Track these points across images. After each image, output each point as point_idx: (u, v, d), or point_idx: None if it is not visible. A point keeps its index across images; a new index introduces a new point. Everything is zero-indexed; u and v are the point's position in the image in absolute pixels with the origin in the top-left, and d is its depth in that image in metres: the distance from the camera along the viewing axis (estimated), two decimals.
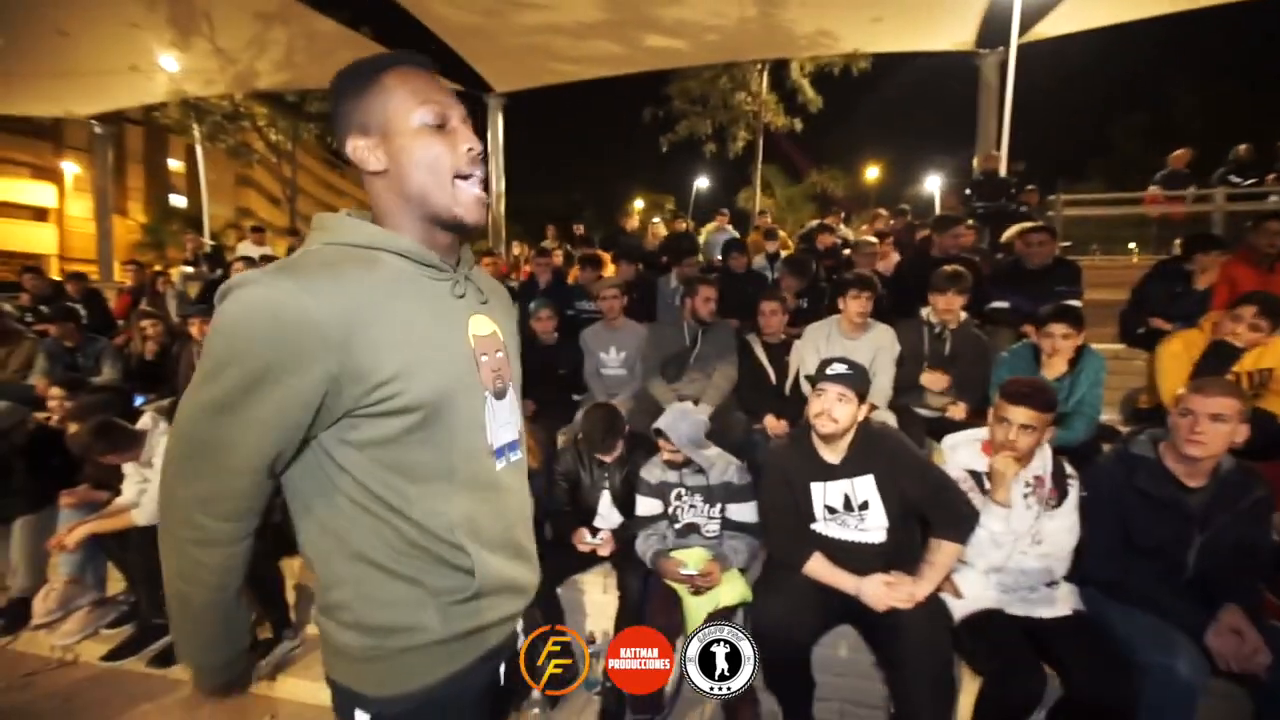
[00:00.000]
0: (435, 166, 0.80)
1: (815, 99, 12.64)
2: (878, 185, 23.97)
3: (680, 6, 8.86)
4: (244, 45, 10.28)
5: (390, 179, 0.81)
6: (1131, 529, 1.91)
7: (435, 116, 0.80)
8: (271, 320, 0.69)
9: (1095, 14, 8.95)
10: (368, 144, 0.80)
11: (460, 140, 0.82)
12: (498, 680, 0.93)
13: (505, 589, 0.88)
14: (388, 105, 0.79)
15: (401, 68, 0.81)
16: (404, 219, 0.82)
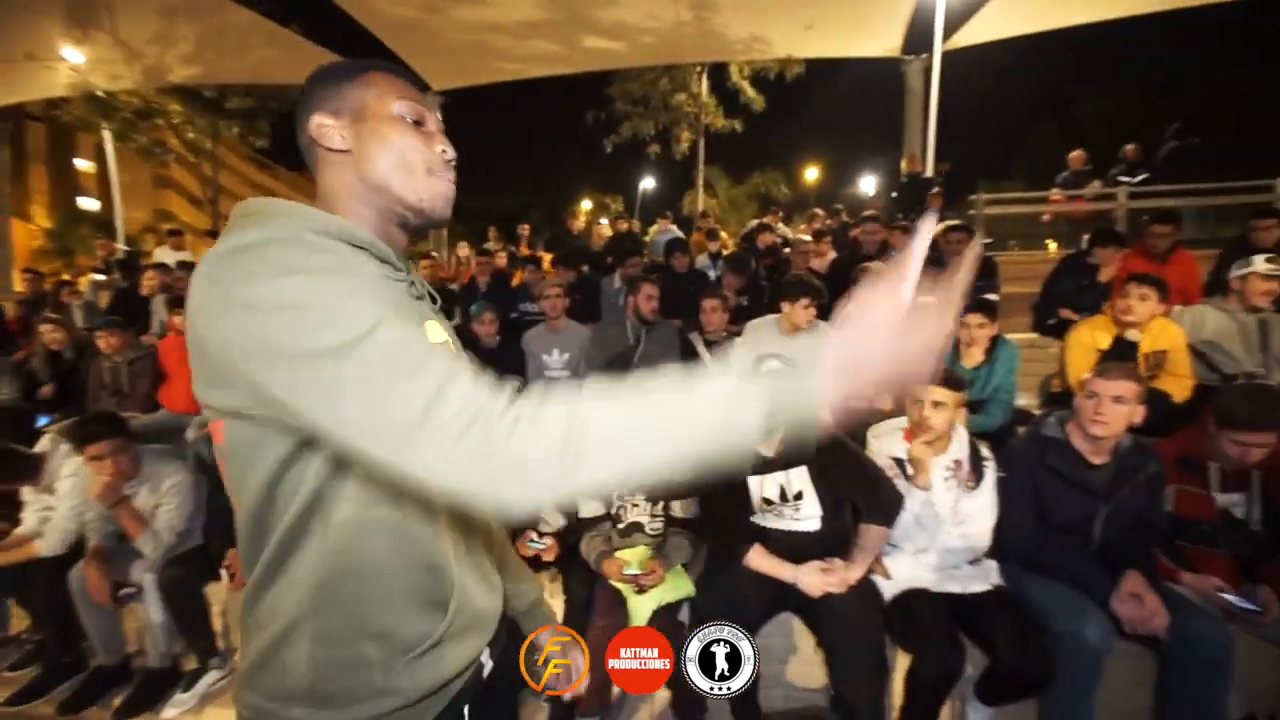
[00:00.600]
0: (406, 157, 0.73)
1: (757, 99, 12.92)
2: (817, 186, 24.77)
3: (616, 8, 8.90)
4: (151, 38, 9.62)
5: (351, 159, 0.73)
6: (1044, 505, 2.05)
7: (413, 113, 0.75)
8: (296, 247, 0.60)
9: (1009, 24, 9.52)
10: (335, 124, 0.73)
11: (436, 141, 0.76)
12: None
13: (473, 624, 0.79)
14: (366, 93, 0.74)
15: (389, 72, 0.77)
16: (358, 206, 0.74)
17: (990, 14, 8.96)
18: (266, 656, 0.68)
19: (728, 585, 2.05)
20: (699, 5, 8.86)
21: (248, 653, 0.71)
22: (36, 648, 2.68)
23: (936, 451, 2.05)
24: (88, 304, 6.04)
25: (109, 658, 2.49)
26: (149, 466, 2.48)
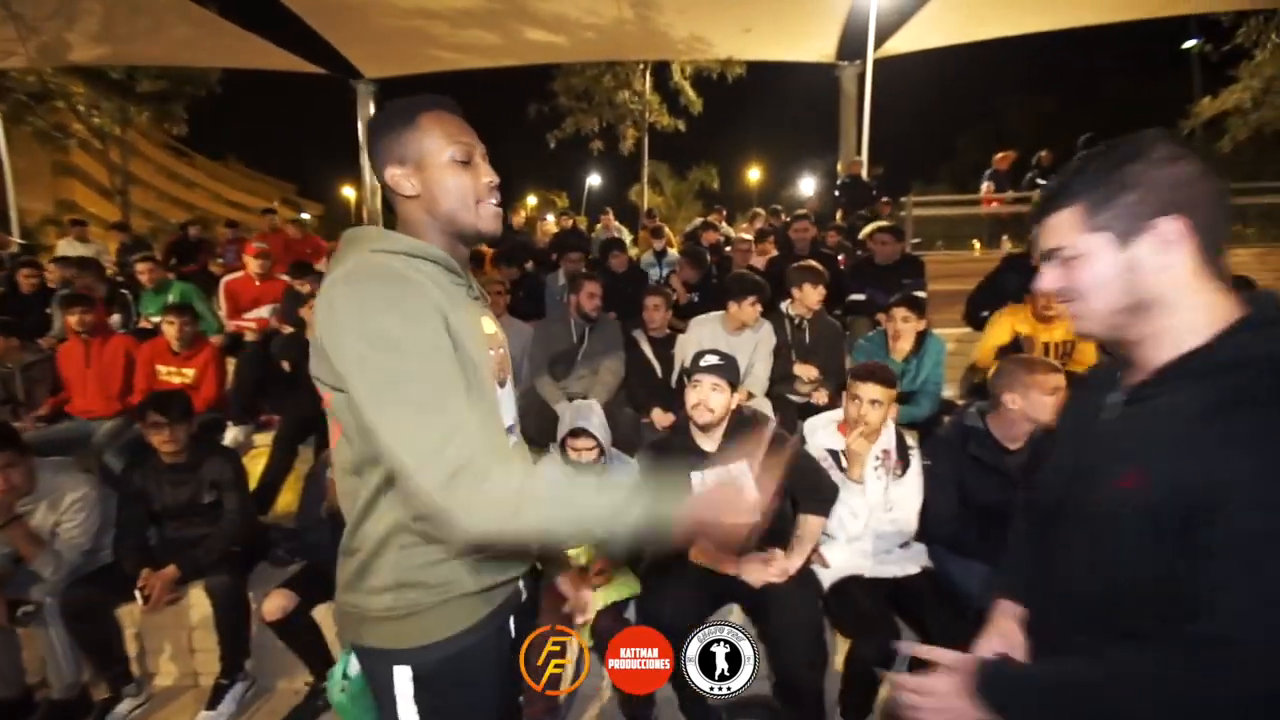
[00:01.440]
0: (462, 194, 0.96)
1: (695, 101, 13.05)
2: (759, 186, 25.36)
3: (554, 1, 8.80)
4: (47, 13, 8.78)
5: (422, 201, 0.97)
6: (965, 490, 2.17)
7: (463, 154, 0.96)
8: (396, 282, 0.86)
9: (938, 34, 10.03)
10: (404, 172, 0.96)
11: (482, 174, 0.98)
12: (509, 631, 1.09)
13: (513, 551, 1.02)
14: (423, 142, 0.95)
15: (436, 111, 0.96)
16: (431, 233, 0.98)
17: (920, 24, 9.41)
18: (365, 564, 0.94)
19: (672, 581, 2.07)
20: (641, 4, 8.88)
21: (347, 568, 0.97)
22: None
23: (870, 445, 2.14)
24: None
25: (7, 690, 2.26)
26: (47, 481, 2.28)
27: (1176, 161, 0.70)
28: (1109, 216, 0.72)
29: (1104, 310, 0.75)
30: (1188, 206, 0.69)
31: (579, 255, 4.90)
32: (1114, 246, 0.73)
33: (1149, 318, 0.73)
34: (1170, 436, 0.70)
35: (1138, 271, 0.72)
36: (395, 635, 0.94)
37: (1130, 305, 0.73)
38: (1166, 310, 0.72)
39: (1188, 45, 15.75)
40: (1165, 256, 0.71)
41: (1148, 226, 0.70)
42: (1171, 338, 0.72)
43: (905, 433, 2.27)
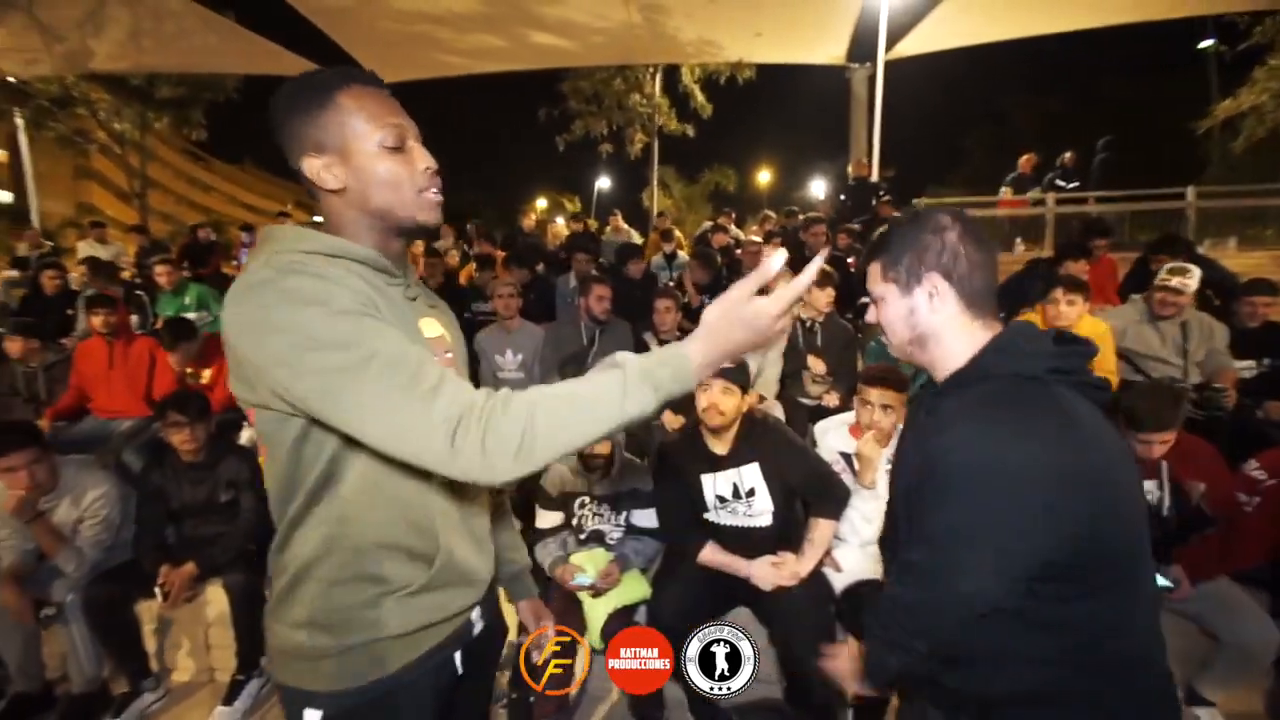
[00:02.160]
0: (397, 184, 0.84)
1: (705, 105, 13.05)
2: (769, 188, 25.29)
3: (561, 6, 8.83)
4: (73, 21, 8.98)
5: (349, 196, 0.85)
6: None
7: (394, 138, 0.83)
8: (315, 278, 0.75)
9: (948, 37, 9.96)
10: (324, 162, 0.83)
11: (418, 159, 0.86)
12: (454, 669, 0.98)
13: (458, 580, 0.93)
14: (345, 126, 0.82)
15: (355, 86, 0.83)
16: (359, 230, 0.87)
17: (930, 26, 9.36)
18: (285, 592, 0.86)
19: (681, 584, 2.08)
20: (649, 8, 8.90)
21: (274, 590, 0.88)
22: None
23: (882, 449, 2.13)
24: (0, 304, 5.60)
25: (28, 684, 2.31)
26: (70, 478, 2.33)
27: (944, 232, 0.89)
28: (896, 271, 0.93)
29: (898, 341, 0.96)
30: (948, 266, 0.89)
31: (588, 257, 4.93)
32: (899, 294, 0.93)
33: (928, 347, 0.93)
34: (934, 428, 0.88)
35: (915, 314, 0.92)
36: (309, 675, 0.85)
37: (913, 338, 0.94)
38: (938, 341, 0.92)
39: (1203, 45, 15.56)
40: (933, 302, 0.90)
41: (920, 280, 0.91)
42: (944, 361, 0.92)
43: None
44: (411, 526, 0.87)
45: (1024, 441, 0.77)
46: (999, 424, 0.80)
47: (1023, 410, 0.80)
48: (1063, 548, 0.78)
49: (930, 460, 0.84)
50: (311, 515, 0.83)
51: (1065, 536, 0.78)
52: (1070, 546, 0.78)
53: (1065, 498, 0.77)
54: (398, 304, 0.87)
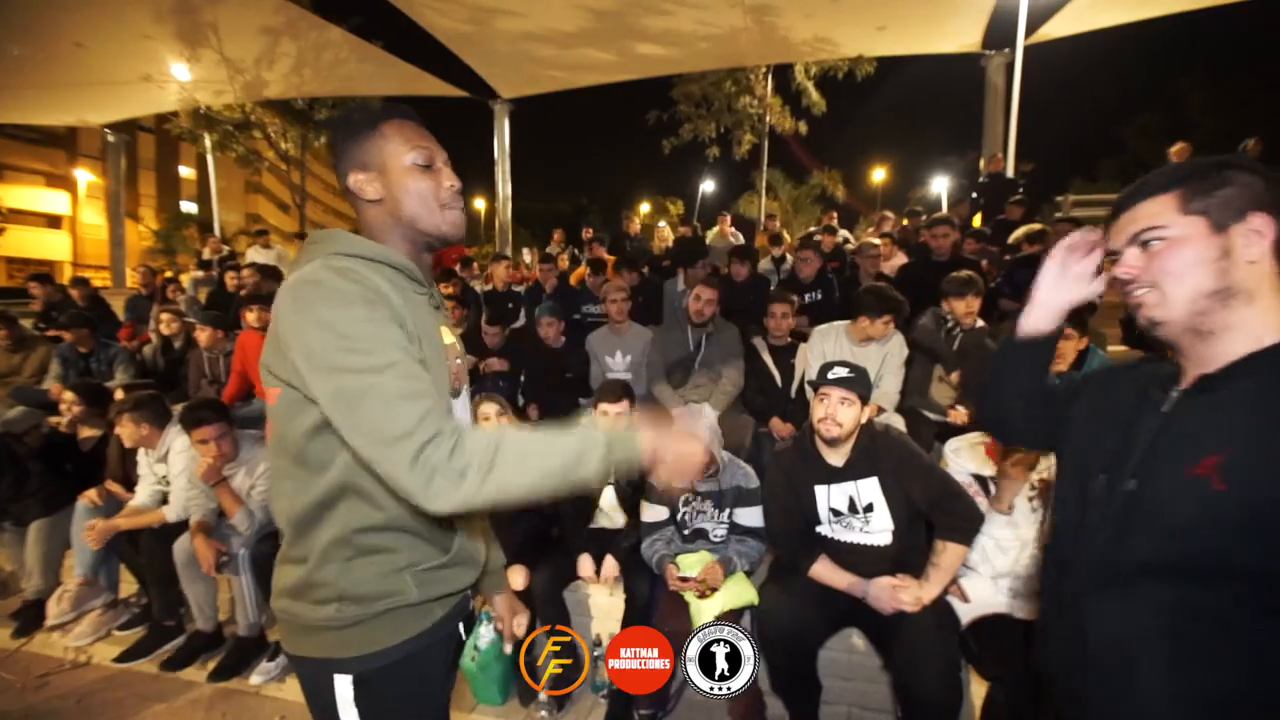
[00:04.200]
0: (423, 197, 0.97)
1: (819, 101, 12.62)
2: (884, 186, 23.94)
3: (666, 18, 8.90)
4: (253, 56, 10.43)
5: (385, 206, 0.97)
6: None
7: (424, 159, 0.97)
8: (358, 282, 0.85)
9: (1101, 15, 8.92)
10: (366, 178, 0.96)
11: (444, 179, 0.99)
12: (458, 635, 1.10)
13: (468, 560, 1.05)
14: (385, 148, 0.96)
15: (396, 120, 0.98)
16: (395, 238, 0.98)
17: (1081, 5, 8.42)
18: (311, 573, 0.92)
19: (792, 596, 2.00)
20: (760, 9, 8.73)
21: (287, 576, 0.95)
22: (143, 611, 2.95)
23: (1029, 476, 1.93)
24: (190, 299, 6.59)
25: (205, 624, 2.70)
26: (246, 450, 2.68)
27: (1265, 175, 0.75)
28: (1205, 203, 0.75)
29: (1191, 294, 0.76)
30: (1275, 210, 0.73)
31: (705, 262, 4.92)
32: (1209, 231, 0.75)
33: (1232, 307, 0.75)
34: (1248, 425, 0.71)
35: (1229, 258, 0.74)
36: (337, 644, 0.93)
37: (1217, 290, 0.75)
38: (1249, 302, 0.74)
39: None
40: (1256, 249, 0.74)
41: (1242, 217, 0.74)
42: (1249, 331, 0.74)
43: None
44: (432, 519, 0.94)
45: None
46: None
47: None
48: None
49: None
50: (335, 505, 0.91)
51: None
52: None
53: None
54: (424, 311, 0.98)
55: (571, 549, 2.46)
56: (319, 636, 0.93)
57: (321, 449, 0.89)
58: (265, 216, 34.03)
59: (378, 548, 0.92)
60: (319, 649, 0.94)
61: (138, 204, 27.88)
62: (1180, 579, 0.75)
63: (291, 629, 0.96)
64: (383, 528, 0.92)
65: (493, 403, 2.48)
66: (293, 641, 0.96)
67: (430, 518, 0.92)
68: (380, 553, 0.93)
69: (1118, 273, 0.83)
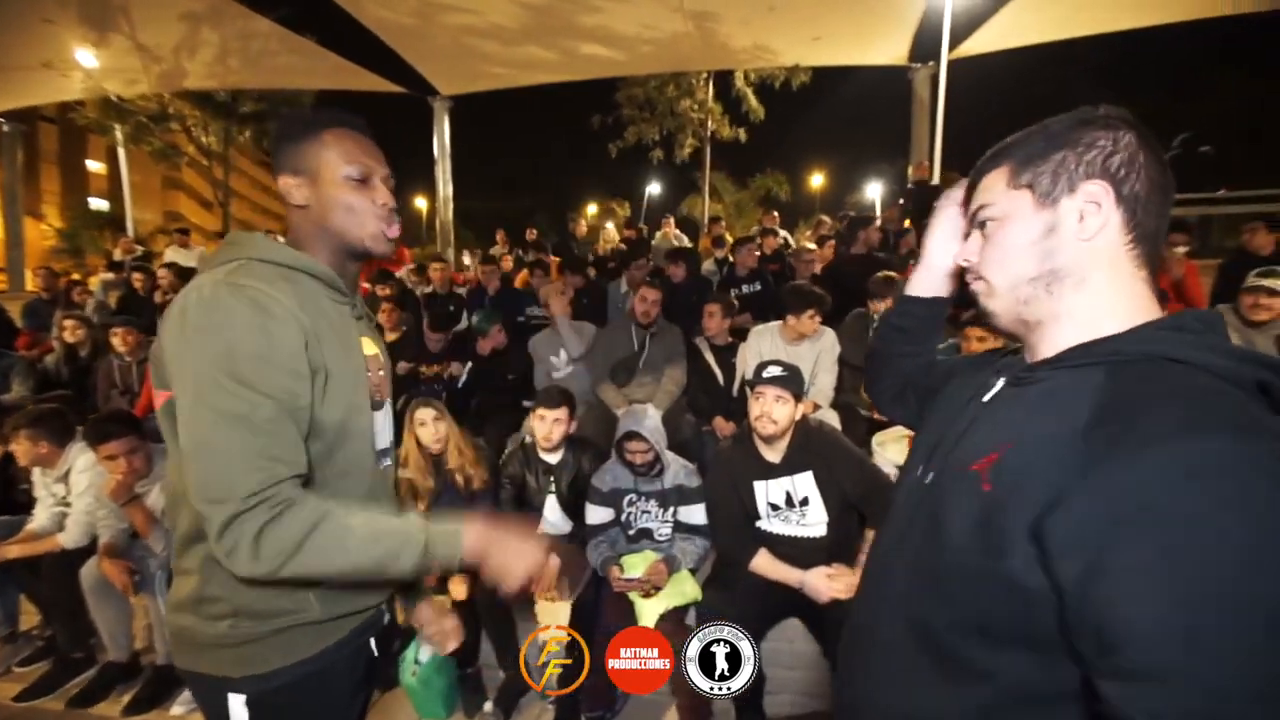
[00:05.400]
0: (353, 212, 0.94)
1: (758, 109, 12.94)
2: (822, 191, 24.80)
3: (602, 15, 8.91)
4: (171, 44, 9.77)
5: (311, 213, 0.94)
6: None
7: (359, 173, 0.94)
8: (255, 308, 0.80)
9: (1017, 34, 9.55)
10: (296, 182, 0.93)
11: (378, 196, 0.96)
12: (370, 651, 1.05)
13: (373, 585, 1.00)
14: (321, 156, 0.93)
15: (339, 128, 0.95)
16: (319, 247, 0.95)
17: (999, 23, 8.99)
18: (199, 588, 0.88)
19: (734, 589, 2.06)
20: (701, 16, 8.89)
21: (180, 588, 0.92)
22: (46, 644, 2.71)
23: None
24: (99, 303, 6.11)
25: (119, 654, 2.52)
26: (161, 466, 2.51)
27: (1116, 129, 0.62)
28: (1033, 174, 0.64)
29: (1013, 279, 0.66)
30: (1120, 177, 0.61)
31: (643, 262, 4.95)
32: (1034, 206, 0.64)
33: (1059, 293, 0.63)
34: (1032, 421, 0.60)
35: (1055, 236, 0.63)
36: (231, 662, 0.89)
37: (1041, 274, 0.64)
38: (1079, 287, 0.63)
39: None
40: (1085, 224, 0.62)
41: (1073, 188, 0.62)
42: (1080, 319, 0.63)
43: None
44: None
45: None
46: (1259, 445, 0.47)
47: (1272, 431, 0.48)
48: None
49: (1128, 497, 0.48)
50: None
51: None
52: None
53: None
54: (345, 321, 0.96)
55: None
56: (213, 653, 0.89)
57: None
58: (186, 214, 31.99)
59: None
60: (212, 666, 0.90)
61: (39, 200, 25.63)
62: (927, 583, 0.66)
63: (184, 644, 0.92)
64: None
65: (429, 407, 2.42)
66: (185, 657, 0.92)
67: None
68: None
69: (958, 260, 0.74)
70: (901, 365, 0.98)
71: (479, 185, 26.65)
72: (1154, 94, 21.78)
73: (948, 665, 0.63)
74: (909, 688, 0.67)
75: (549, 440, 2.43)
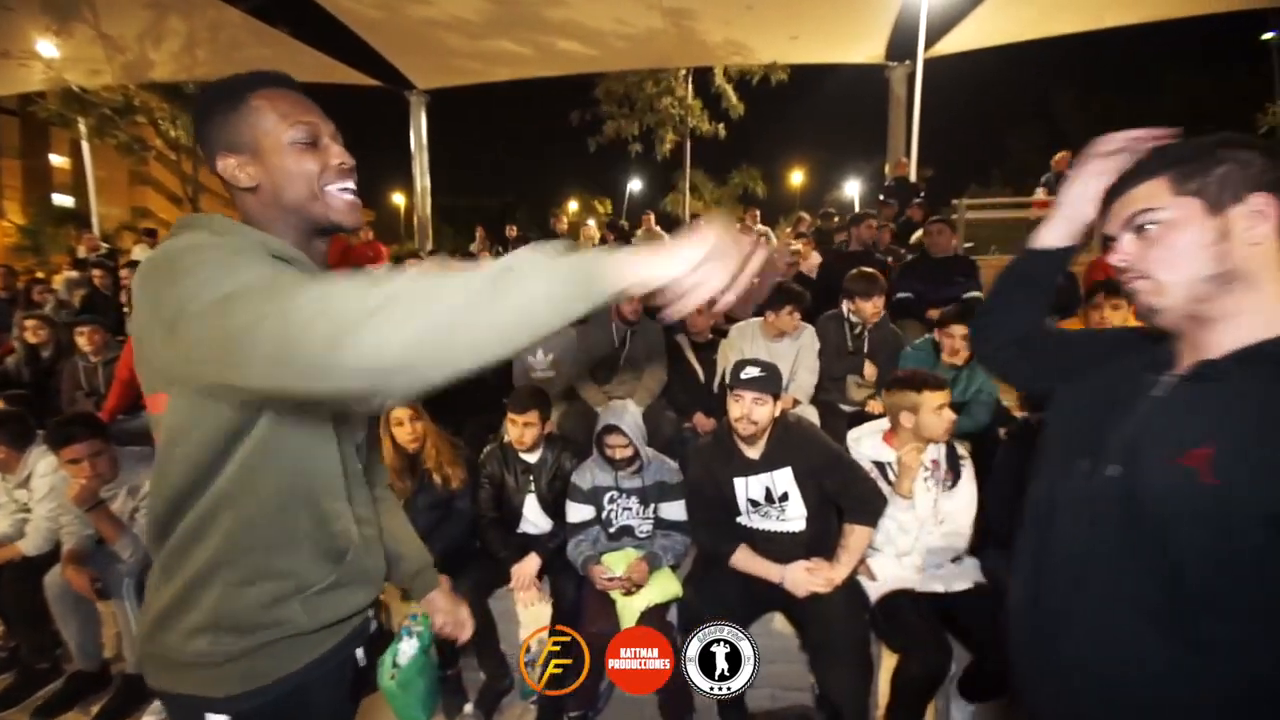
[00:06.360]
0: (308, 180, 0.83)
1: (737, 105, 12.97)
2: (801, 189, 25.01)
3: (568, 9, 8.84)
4: (135, 34, 9.47)
5: (263, 194, 0.84)
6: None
7: (306, 134, 0.83)
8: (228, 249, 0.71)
9: (991, 33, 9.72)
10: (238, 161, 0.82)
11: (331, 156, 0.85)
12: (355, 662, 0.99)
13: (361, 578, 0.94)
14: (257, 125, 0.82)
15: (267, 89, 0.83)
16: (280, 228, 0.85)
17: (973, 23, 9.14)
18: (180, 599, 0.80)
19: (714, 585, 2.07)
20: (677, 13, 8.89)
21: (157, 601, 0.82)
22: (10, 655, 2.62)
23: (921, 458, 2.08)
24: (61, 302, 5.92)
25: (87, 664, 2.44)
26: (128, 469, 2.44)
27: (1266, 152, 0.70)
28: (1200, 183, 0.71)
29: (1188, 279, 0.72)
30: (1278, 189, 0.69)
31: None
32: (1204, 212, 0.71)
33: (1233, 293, 0.71)
34: (1247, 419, 0.68)
35: (1227, 240, 0.70)
36: (212, 682, 0.81)
37: (1217, 275, 0.71)
38: (1252, 288, 0.71)
39: (1267, 37, 14.73)
40: (1256, 230, 0.69)
41: (1239, 198, 0.70)
42: (1255, 317, 0.71)
43: (956, 443, 2.20)
44: (320, 524, 0.86)
45: None
46: None
47: None
48: None
49: None
50: (217, 518, 0.79)
51: None
52: None
53: None
54: None
55: (496, 557, 2.41)
56: (191, 673, 0.82)
57: (213, 454, 0.77)
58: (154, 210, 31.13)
59: (262, 570, 0.81)
60: (191, 685, 0.82)
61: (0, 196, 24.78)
62: (1155, 572, 0.72)
63: (158, 663, 0.84)
64: (274, 543, 0.82)
65: (405, 406, 2.39)
66: (160, 676, 0.84)
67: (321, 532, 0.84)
68: (266, 576, 0.82)
69: (1113, 260, 0.79)
70: (1018, 320, 1.00)
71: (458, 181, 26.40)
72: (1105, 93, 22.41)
73: (1186, 640, 0.70)
74: (1141, 666, 0.73)
75: (522, 443, 2.43)
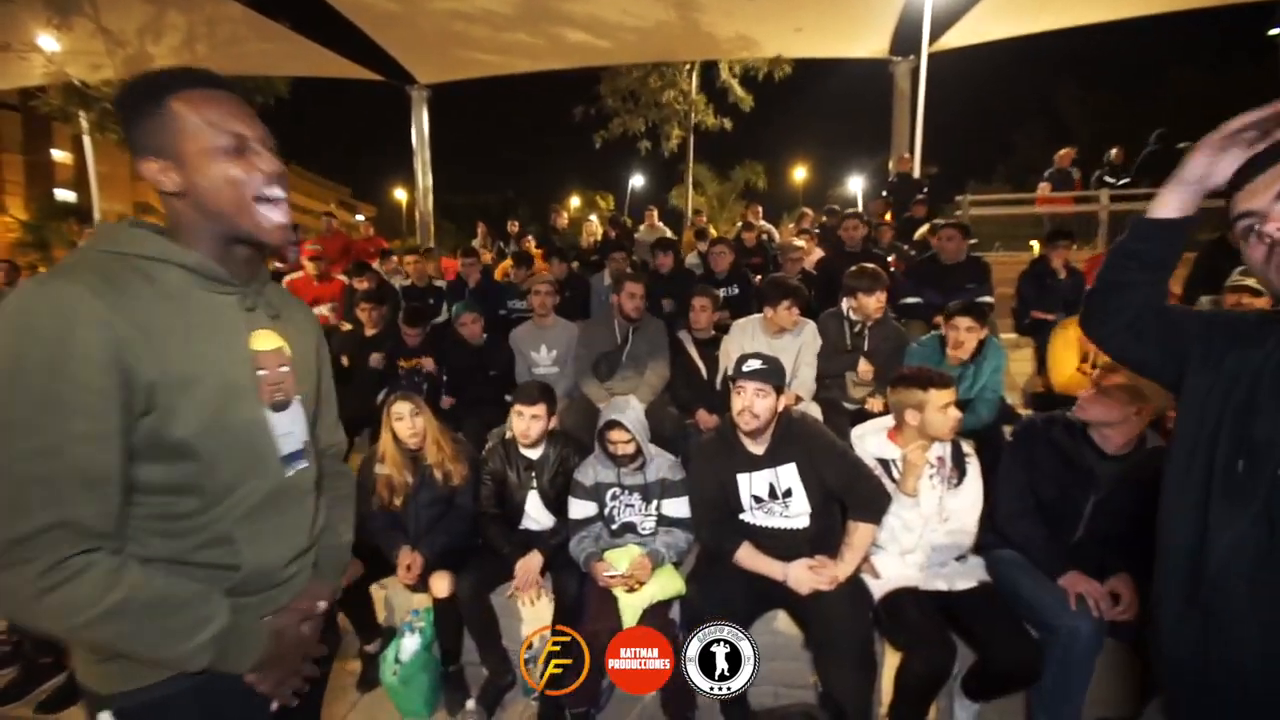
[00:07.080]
0: (234, 189, 0.81)
1: (745, 98, 12.90)
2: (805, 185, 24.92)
3: (591, 4, 8.83)
4: (136, 28, 9.43)
5: (188, 200, 0.82)
6: (1033, 482, 2.00)
7: (230, 140, 0.81)
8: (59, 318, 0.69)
9: (996, 27, 9.64)
10: (160, 166, 0.80)
11: (260, 162, 0.83)
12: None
13: (267, 585, 0.92)
14: (178, 131, 0.79)
15: (188, 90, 0.80)
16: (202, 235, 0.84)
17: (977, 17, 9.06)
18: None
19: (717, 583, 2.06)
20: (683, 5, 8.84)
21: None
22: (13, 649, 2.63)
23: (925, 457, 2.06)
24: None
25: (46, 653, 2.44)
26: None
27: None
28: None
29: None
30: None
31: (623, 255, 4.92)
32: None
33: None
34: None
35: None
36: (101, 678, 0.83)
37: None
38: None
39: (1273, 32, 14.60)
40: None
41: None
42: None
43: (962, 441, 2.18)
44: (205, 545, 0.84)
45: None
46: None
47: None
48: None
49: None
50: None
51: None
52: None
53: None
54: (219, 315, 0.84)
55: (498, 553, 2.40)
56: (85, 667, 0.84)
57: None
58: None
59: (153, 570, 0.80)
60: (87, 678, 0.84)
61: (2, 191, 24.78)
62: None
63: (75, 653, 0.86)
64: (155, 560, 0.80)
65: (407, 401, 2.37)
66: (76, 666, 0.87)
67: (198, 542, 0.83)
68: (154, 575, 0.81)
69: (1269, 229, 0.80)
70: (1135, 296, 0.96)
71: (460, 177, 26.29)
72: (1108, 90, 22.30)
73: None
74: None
75: (527, 436, 2.41)
